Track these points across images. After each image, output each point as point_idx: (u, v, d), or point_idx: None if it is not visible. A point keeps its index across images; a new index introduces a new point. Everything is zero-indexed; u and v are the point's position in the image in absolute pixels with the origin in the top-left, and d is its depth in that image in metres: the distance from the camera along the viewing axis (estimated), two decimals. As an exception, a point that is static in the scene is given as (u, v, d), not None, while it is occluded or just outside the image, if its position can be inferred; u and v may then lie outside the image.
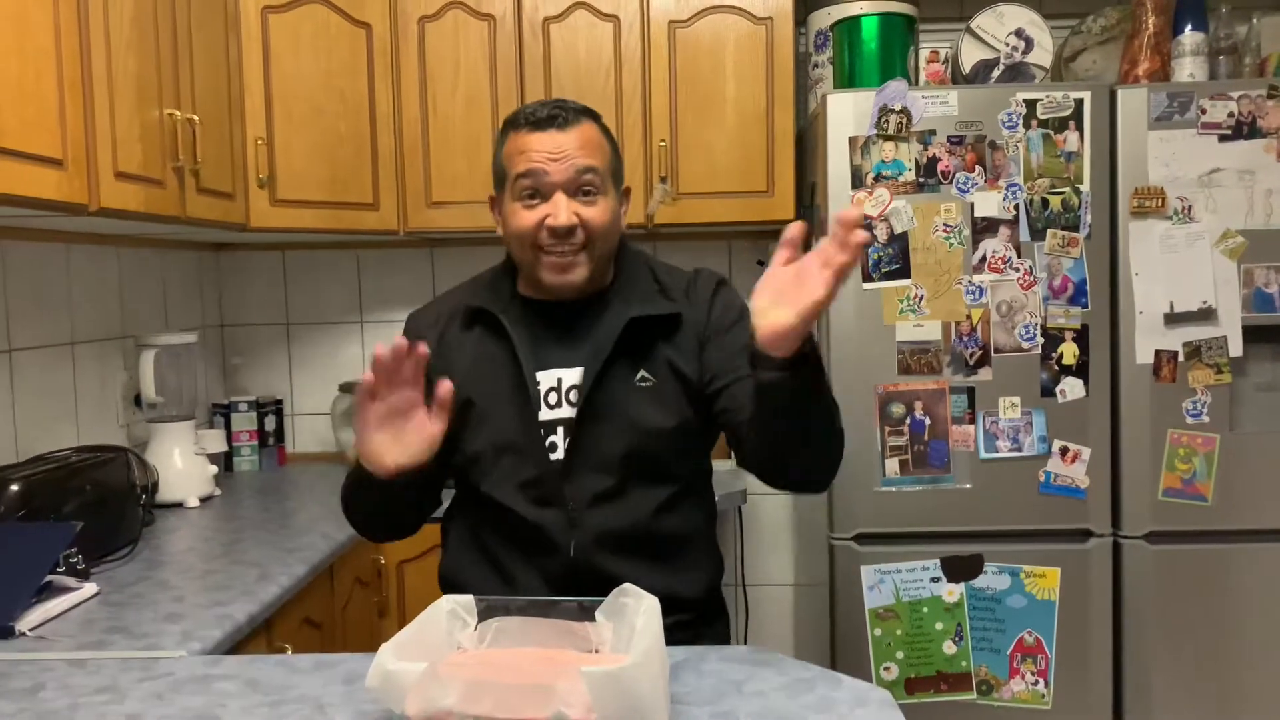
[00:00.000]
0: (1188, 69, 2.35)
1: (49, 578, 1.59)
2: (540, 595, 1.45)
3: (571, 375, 1.49)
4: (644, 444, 1.47)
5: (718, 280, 1.58)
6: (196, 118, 2.05)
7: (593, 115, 1.51)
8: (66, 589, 1.62)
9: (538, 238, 1.45)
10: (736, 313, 1.52)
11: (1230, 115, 2.21)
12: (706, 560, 1.59)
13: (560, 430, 1.48)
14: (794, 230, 1.19)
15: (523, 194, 1.46)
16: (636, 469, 1.47)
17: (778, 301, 1.18)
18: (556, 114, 1.46)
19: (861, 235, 1.13)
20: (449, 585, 1.57)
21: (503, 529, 1.50)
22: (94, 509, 1.84)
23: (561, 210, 1.43)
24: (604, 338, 1.47)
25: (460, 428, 1.49)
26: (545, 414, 1.48)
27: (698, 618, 1.55)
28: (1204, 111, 2.21)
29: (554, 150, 1.44)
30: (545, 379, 1.49)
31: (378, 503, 1.46)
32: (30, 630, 1.48)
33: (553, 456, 1.47)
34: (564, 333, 1.52)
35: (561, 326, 1.52)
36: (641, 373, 1.48)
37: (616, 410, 1.47)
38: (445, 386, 1.35)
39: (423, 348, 1.32)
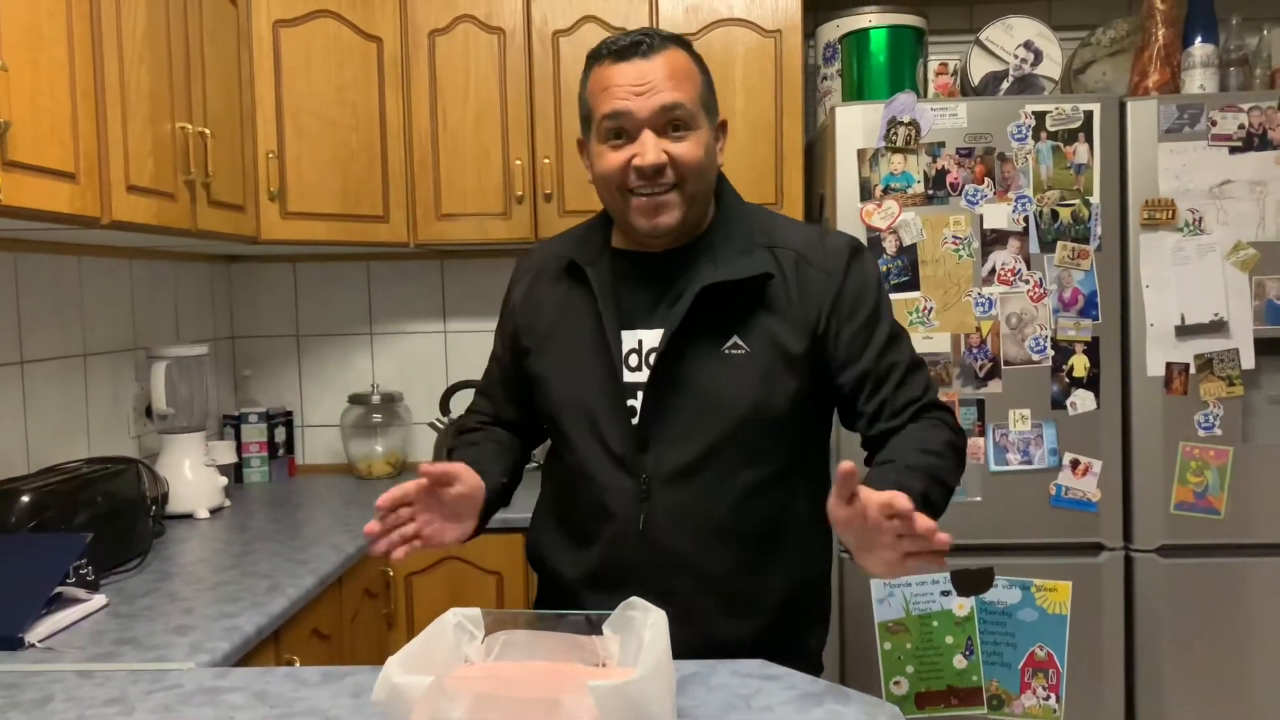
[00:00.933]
0: (1198, 81, 2.35)
1: (59, 589, 1.59)
2: (614, 568, 1.40)
3: (651, 337, 1.39)
4: (726, 420, 1.36)
5: (852, 248, 1.42)
6: (208, 131, 2.06)
7: (681, 42, 1.40)
8: (76, 600, 1.62)
9: (625, 179, 1.36)
10: (874, 294, 1.41)
11: (1241, 127, 2.20)
12: (799, 557, 1.44)
13: (640, 396, 1.38)
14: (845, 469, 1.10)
15: (608, 135, 1.37)
16: (717, 447, 1.36)
17: (858, 549, 1.17)
18: (641, 40, 1.36)
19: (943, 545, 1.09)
20: (532, 556, 1.56)
21: (581, 496, 1.43)
22: (104, 520, 1.84)
23: (649, 149, 1.33)
24: (683, 299, 1.36)
25: (543, 387, 1.46)
26: (626, 376, 1.39)
27: (771, 626, 1.42)
28: (1214, 123, 2.20)
29: (638, 82, 1.34)
30: (627, 339, 1.40)
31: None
32: (40, 642, 1.48)
33: (632, 422, 1.38)
34: (652, 288, 1.41)
35: (651, 281, 1.42)
36: (733, 339, 1.36)
37: (694, 381, 1.36)
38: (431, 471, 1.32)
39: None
